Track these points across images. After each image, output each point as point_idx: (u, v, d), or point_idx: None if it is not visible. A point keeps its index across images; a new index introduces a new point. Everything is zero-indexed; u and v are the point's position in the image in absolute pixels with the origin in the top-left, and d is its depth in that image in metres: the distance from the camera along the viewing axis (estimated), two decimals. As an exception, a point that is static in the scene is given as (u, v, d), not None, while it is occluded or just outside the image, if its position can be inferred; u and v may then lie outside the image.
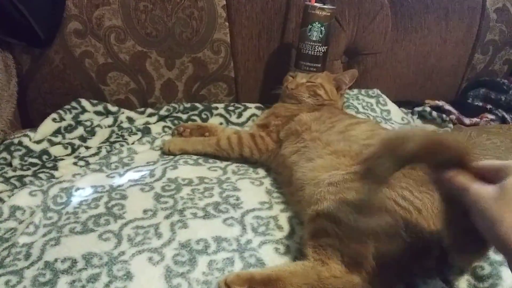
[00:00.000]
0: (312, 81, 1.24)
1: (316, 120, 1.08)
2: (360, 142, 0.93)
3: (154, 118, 1.35)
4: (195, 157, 1.14)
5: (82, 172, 1.07)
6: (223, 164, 1.13)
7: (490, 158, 1.16)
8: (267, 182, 1.07)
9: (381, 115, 1.45)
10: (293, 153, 1.03)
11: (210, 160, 1.14)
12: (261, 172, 1.13)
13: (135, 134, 1.28)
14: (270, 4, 1.36)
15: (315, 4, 1.25)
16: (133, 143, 1.23)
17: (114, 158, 1.14)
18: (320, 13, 1.23)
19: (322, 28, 1.25)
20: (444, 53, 1.57)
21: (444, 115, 1.52)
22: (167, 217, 0.89)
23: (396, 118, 1.47)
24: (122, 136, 1.25)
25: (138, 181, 1.00)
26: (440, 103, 1.58)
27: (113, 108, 1.36)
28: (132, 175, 1.04)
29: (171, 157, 1.15)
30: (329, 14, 1.24)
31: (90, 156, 1.15)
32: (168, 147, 1.17)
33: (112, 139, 1.25)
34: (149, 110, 1.36)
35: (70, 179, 1.03)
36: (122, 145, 1.20)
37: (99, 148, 1.19)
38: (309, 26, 1.25)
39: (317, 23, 1.24)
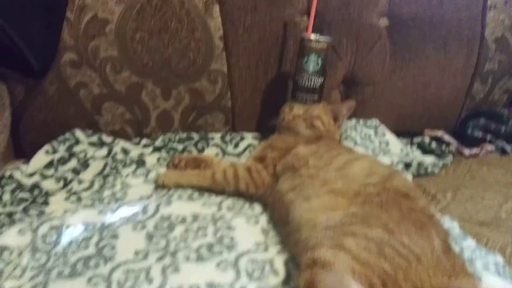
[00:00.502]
0: (309, 113, 1.21)
1: (314, 155, 1.05)
2: (358, 181, 0.91)
3: (149, 149, 1.33)
4: (189, 191, 1.11)
5: (74, 208, 1.04)
6: (218, 199, 1.09)
7: (492, 194, 1.18)
8: (263, 219, 1.03)
9: (379, 146, 1.40)
10: (290, 190, 1.00)
11: (205, 194, 1.11)
12: (257, 208, 1.09)
13: (129, 166, 1.25)
14: (267, 35, 1.34)
15: (311, 36, 1.24)
16: (127, 176, 1.21)
17: (106, 193, 1.12)
18: (316, 45, 1.22)
19: (319, 60, 1.23)
20: (443, 83, 1.53)
21: (443, 146, 1.48)
22: (159, 259, 0.87)
23: (395, 149, 1.42)
24: (116, 168, 1.23)
25: (131, 218, 0.97)
26: (440, 133, 1.54)
27: (108, 139, 1.33)
28: (125, 211, 1.00)
29: (166, 191, 1.12)
30: (325, 46, 1.22)
31: (82, 190, 1.13)
32: (163, 180, 1.14)
33: (105, 172, 1.22)
34: (144, 141, 1.35)
35: (61, 215, 1.01)
36: (115, 179, 1.18)
37: (92, 182, 1.16)
38: (306, 58, 1.23)
39: (313, 54, 1.22)
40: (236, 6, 1.28)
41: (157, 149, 1.33)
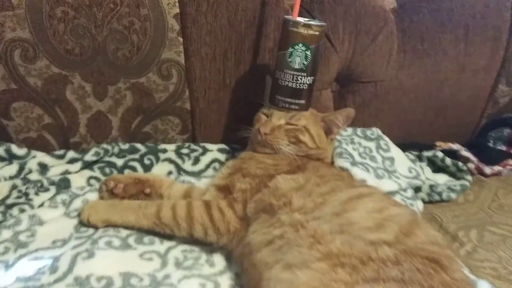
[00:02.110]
0: (294, 123, 1.07)
1: (300, 190, 0.89)
2: (365, 236, 0.74)
3: (77, 165, 1.16)
4: (124, 233, 0.94)
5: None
6: (163, 246, 0.93)
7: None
8: (226, 283, 0.85)
9: (383, 165, 1.23)
10: (265, 246, 0.81)
11: (146, 240, 0.94)
12: (219, 262, 0.92)
13: (46, 191, 1.07)
14: (240, 15, 1.18)
15: (298, 19, 1.04)
16: (40, 206, 1.03)
17: (6, 234, 0.93)
18: (305, 31, 1.03)
19: (308, 52, 1.04)
20: (461, 83, 1.44)
21: (460, 163, 1.36)
22: None
23: (402, 169, 1.27)
24: (26, 194, 1.04)
25: (30, 280, 0.79)
26: (455, 146, 1.43)
27: (20, 151, 1.16)
28: (25, 267, 0.84)
29: (91, 231, 0.95)
30: (317, 33, 1.04)
31: (-28, 229, 0.94)
32: (88, 216, 0.97)
33: (10, 200, 1.03)
34: (71, 154, 1.18)
35: None
36: (23, 210, 1.00)
37: (-13, 215, 0.98)
38: (290, 50, 1.05)
39: (300, 45, 1.04)
40: (199, -27, 1.15)
41: (87, 166, 1.18)
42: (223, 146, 1.29)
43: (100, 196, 1.08)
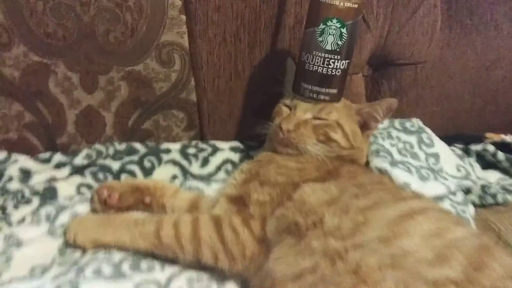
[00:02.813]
0: (323, 117, 0.97)
1: (333, 204, 0.76)
2: (425, 273, 0.61)
3: (65, 171, 1.09)
4: (117, 256, 0.84)
5: None
6: (164, 274, 0.82)
7: None
8: None
9: (426, 164, 1.12)
10: (291, 279, 0.69)
11: (143, 266, 0.83)
12: None
13: (28, 202, 0.98)
14: None
15: None
16: (20, 222, 0.95)
17: None
18: (341, 4, 0.90)
19: (343, 30, 0.92)
20: None
21: None
22: None
23: (449, 168, 1.16)
24: (3, 209, 0.97)
25: None
26: (509, 138, 1.32)
27: None
28: None
29: (77, 254, 0.86)
30: (356, 6, 0.91)
31: None
32: (74, 235, 0.87)
33: None
34: (58, 157, 1.11)
35: None
36: None
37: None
38: (321, 26, 0.93)
39: (334, 21, 0.92)
40: None
41: (77, 171, 1.10)
42: (236, 143, 1.22)
43: (92, 207, 0.99)
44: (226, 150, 1.19)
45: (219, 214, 0.85)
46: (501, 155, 1.26)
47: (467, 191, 1.14)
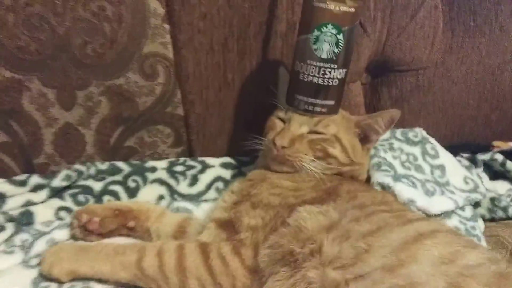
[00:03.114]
0: (320, 131, 0.93)
1: (333, 230, 0.72)
2: None
3: (43, 194, 1.05)
4: None
5: None
6: None
7: None
8: None
9: (432, 177, 1.09)
10: None
11: None
12: None
13: (2, 230, 0.95)
14: None
15: None
16: None
17: None
18: (337, 8, 0.87)
19: (339, 37, 0.89)
20: None
21: None
22: None
23: (455, 180, 1.12)
24: None
25: None
26: None
27: None
28: None
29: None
30: (353, 10, 0.88)
31: None
32: (49, 266, 0.82)
33: None
34: (35, 180, 1.07)
35: None
36: None
37: None
38: (316, 33, 0.90)
39: (330, 27, 0.89)
40: None
41: (56, 193, 1.07)
42: (227, 159, 1.20)
43: (71, 233, 0.95)
44: (217, 166, 1.16)
45: (207, 241, 0.81)
46: (510, 165, 1.24)
47: (476, 204, 1.11)
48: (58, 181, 1.05)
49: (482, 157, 1.28)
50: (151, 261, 0.78)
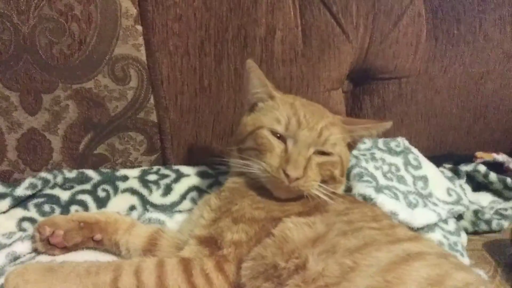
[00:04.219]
0: (328, 151, 0.86)
1: (319, 243, 0.71)
2: None
3: (5, 203, 1.01)
4: None
5: None
6: None
7: None
8: None
9: (414, 188, 1.07)
10: None
11: None
12: None
13: None
14: None
15: None
16: None
17: None
18: None
19: None
20: (507, 76, 1.34)
21: (508, 179, 1.24)
22: None
23: (438, 192, 1.10)
24: None
25: None
26: (501, 157, 1.32)
27: None
28: None
29: None
30: None
31: None
32: None
33: None
34: None
35: None
36: None
37: None
38: None
39: None
40: None
41: (20, 203, 1.03)
42: (203, 168, 1.17)
43: (33, 247, 0.90)
44: (192, 175, 1.13)
45: (189, 256, 0.77)
46: (493, 176, 1.24)
47: (459, 217, 1.09)
48: (21, 190, 1.01)
49: (465, 168, 1.27)
50: (128, 281, 0.74)
